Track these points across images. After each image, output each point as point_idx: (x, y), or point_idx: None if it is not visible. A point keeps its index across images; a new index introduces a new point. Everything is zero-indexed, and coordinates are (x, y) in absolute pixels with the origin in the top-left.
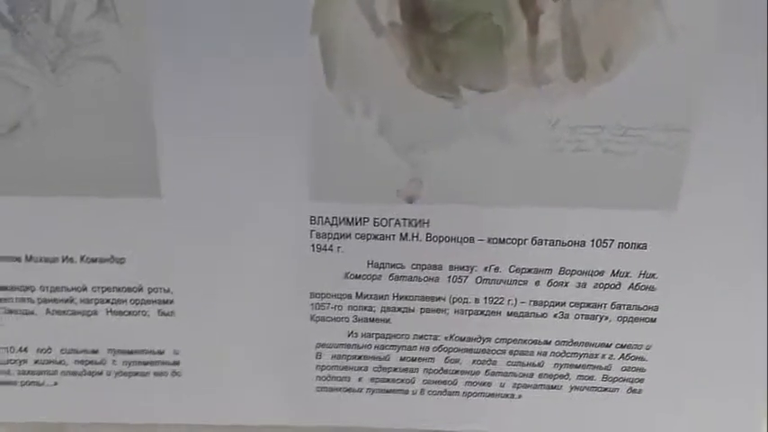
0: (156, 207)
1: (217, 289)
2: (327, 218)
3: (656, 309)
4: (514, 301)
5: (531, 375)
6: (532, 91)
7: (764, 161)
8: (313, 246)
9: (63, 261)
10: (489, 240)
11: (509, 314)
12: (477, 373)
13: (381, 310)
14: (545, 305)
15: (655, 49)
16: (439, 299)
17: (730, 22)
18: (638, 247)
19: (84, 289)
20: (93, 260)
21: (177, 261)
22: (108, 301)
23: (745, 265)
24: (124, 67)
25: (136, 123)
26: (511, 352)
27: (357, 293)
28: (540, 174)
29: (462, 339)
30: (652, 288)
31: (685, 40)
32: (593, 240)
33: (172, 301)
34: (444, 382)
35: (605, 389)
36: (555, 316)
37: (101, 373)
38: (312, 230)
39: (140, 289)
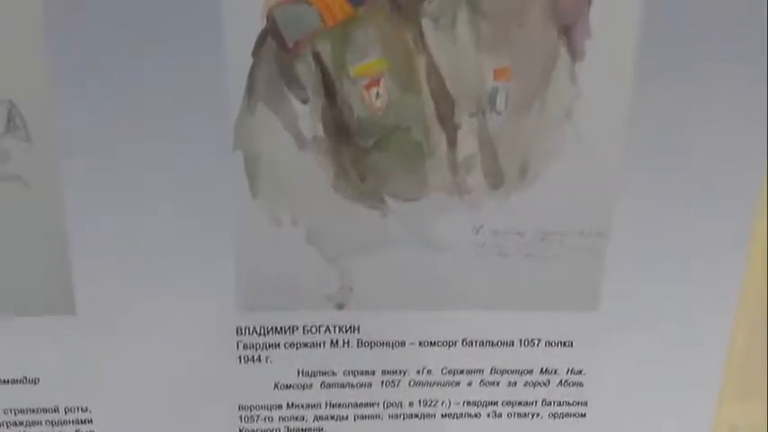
0: (70, 325)
1: (138, 407)
2: (255, 327)
3: (585, 404)
4: (448, 403)
5: None
6: (455, 200)
7: (678, 261)
8: (240, 357)
9: None
10: (420, 344)
11: (443, 416)
12: None
13: (314, 419)
14: (478, 405)
15: (568, 158)
16: (372, 405)
17: (637, 136)
18: (565, 345)
19: None
20: (5, 381)
21: (95, 379)
22: (22, 423)
23: (668, 357)
24: (36, 186)
25: (48, 242)
26: None
27: (288, 404)
28: (467, 278)
29: None
30: (580, 384)
31: (596, 150)
32: (521, 340)
33: (90, 421)
34: None
35: None
36: (488, 416)
37: None
38: (239, 341)
39: (56, 410)
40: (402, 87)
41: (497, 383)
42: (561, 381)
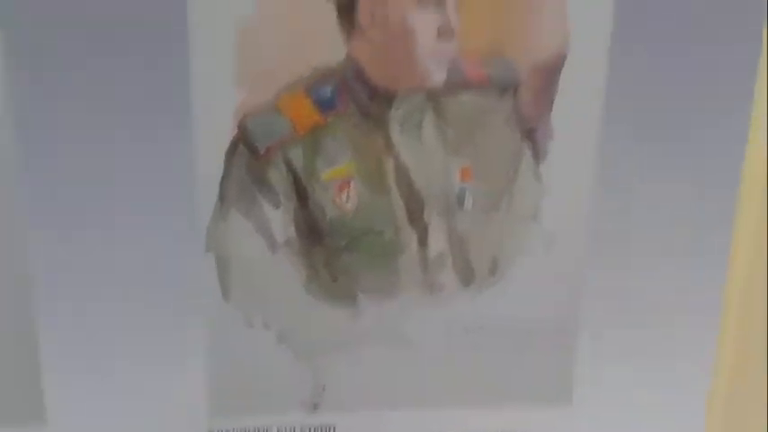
0: None
1: None
2: (228, 431)
3: None
4: None
5: None
6: (427, 297)
7: (649, 354)
8: None
9: None
10: None
11: None
12: None
13: None
14: None
15: (536, 255)
16: None
17: (602, 232)
18: None
19: None
20: None
21: None
22: None
23: None
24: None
25: (20, 355)
26: None
27: None
28: (441, 375)
29: None
30: None
31: (562, 246)
32: None
33: None
34: None
35: None
36: None
37: None
38: None
39: None
40: (372, 189)
41: None
42: None
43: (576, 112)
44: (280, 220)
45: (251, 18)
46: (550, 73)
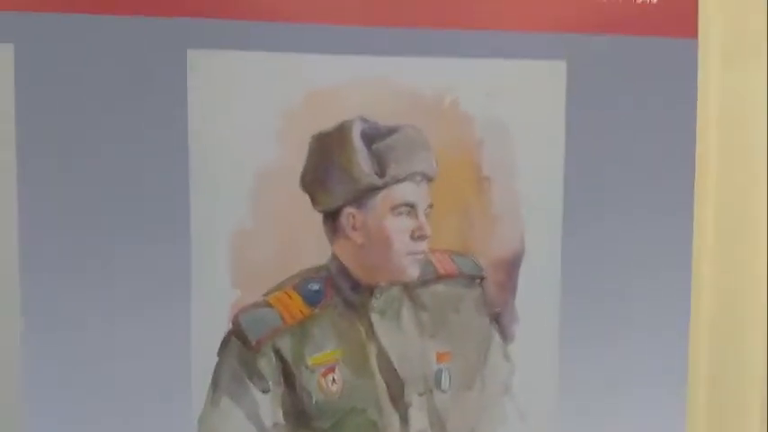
0: None
1: None
2: None
3: None
4: None
5: None
6: None
7: None
8: None
9: None
10: None
11: None
12: None
13: None
14: None
15: (511, 427)
16: None
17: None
18: None
19: None
20: None
21: None
22: None
23: None
24: None
25: None
26: None
27: None
28: None
29: None
30: None
31: (534, 418)
32: None
33: None
34: None
35: None
36: None
37: None
38: None
39: None
40: (356, 373)
41: None
42: None
43: (537, 298)
44: (268, 404)
45: (247, 226)
46: (511, 266)
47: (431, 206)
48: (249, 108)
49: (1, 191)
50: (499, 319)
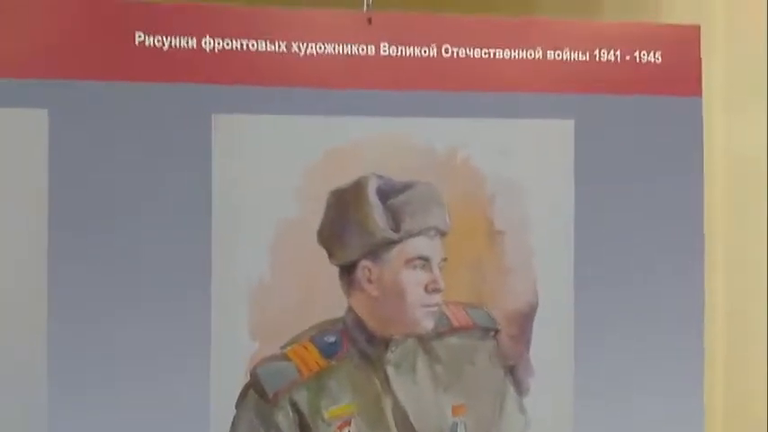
0: None
1: None
2: None
3: None
4: None
5: None
6: None
7: None
8: None
9: None
10: None
11: None
12: None
13: None
14: None
15: None
16: None
17: None
18: None
19: None
20: None
21: None
22: None
23: None
24: None
25: None
26: None
27: None
28: None
29: None
30: None
31: None
32: None
33: None
34: None
35: None
36: None
37: None
38: None
39: None
40: (371, 426)
41: None
42: None
43: (552, 351)
44: None
45: (266, 279)
46: (524, 319)
47: (445, 260)
48: (270, 167)
49: (33, 256)
50: (514, 372)
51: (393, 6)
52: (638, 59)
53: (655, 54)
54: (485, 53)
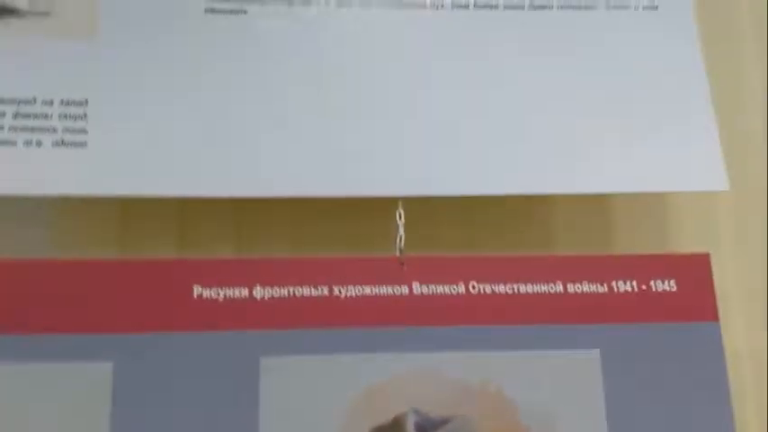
0: None
1: None
2: None
3: None
4: None
5: None
6: None
7: None
8: None
9: None
10: None
11: None
12: None
13: None
14: None
15: None
16: None
17: None
18: None
19: None
20: None
21: None
22: None
23: None
24: None
25: None
26: None
27: None
28: None
29: None
30: None
31: None
32: None
33: None
34: None
35: None
36: None
37: None
38: None
39: None
40: None
41: None
42: None
43: None
44: None
45: None
46: None
47: None
48: (314, 407)
49: None
50: None
51: (423, 247)
52: (653, 288)
53: (669, 282)
54: (509, 289)
